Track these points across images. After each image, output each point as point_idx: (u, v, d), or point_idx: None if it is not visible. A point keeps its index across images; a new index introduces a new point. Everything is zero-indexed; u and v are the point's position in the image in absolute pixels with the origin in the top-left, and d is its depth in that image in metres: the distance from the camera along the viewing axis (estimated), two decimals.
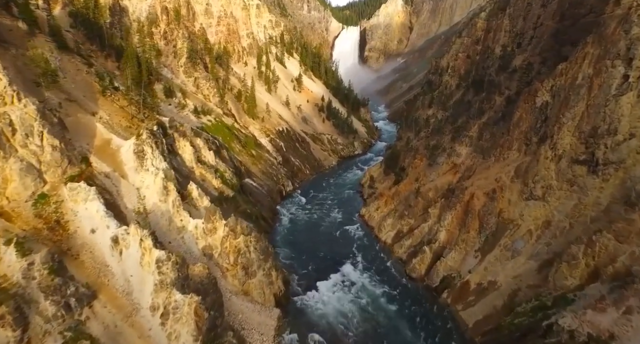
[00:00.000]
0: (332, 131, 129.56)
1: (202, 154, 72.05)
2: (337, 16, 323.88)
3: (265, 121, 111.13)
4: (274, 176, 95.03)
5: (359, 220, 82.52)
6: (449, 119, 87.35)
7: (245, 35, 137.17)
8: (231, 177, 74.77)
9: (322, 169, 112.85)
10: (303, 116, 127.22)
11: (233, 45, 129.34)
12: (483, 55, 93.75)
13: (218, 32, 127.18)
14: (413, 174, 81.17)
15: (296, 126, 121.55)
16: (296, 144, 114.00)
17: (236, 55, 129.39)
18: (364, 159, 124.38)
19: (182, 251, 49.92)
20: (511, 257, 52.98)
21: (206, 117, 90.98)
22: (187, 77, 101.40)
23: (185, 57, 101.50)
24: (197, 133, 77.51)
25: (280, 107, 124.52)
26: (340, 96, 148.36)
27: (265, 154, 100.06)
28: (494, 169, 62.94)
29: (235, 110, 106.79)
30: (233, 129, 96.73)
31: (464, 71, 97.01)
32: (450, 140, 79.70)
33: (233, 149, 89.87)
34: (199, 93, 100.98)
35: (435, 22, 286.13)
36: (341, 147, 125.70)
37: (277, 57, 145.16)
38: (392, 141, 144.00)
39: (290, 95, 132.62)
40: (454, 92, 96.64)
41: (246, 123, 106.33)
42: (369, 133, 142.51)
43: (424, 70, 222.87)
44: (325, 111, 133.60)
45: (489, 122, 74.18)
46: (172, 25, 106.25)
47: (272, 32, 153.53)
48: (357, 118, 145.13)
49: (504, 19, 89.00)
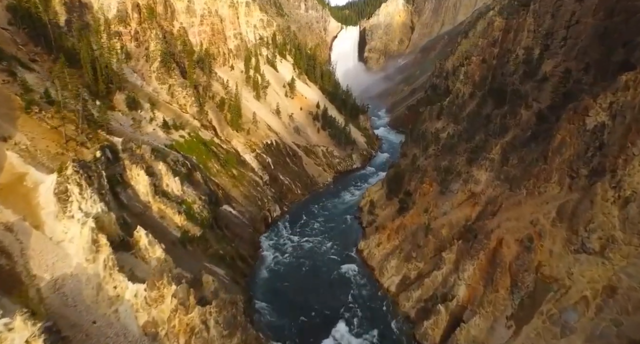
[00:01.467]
0: (328, 142, 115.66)
1: (164, 183, 58.28)
2: (335, 16, 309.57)
3: (251, 133, 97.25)
4: (258, 199, 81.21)
5: (357, 256, 68.78)
6: (463, 135, 73.50)
7: (232, 36, 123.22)
8: (201, 209, 60.93)
9: (316, 187, 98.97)
10: (295, 125, 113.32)
11: (218, 47, 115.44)
12: (501, 59, 79.89)
13: (201, 32, 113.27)
14: (421, 202, 67.32)
15: (287, 138, 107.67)
16: (286, 159, 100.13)
17: (221, 59, 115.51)
18: (364, 174, 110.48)
19: (114, 333, 36.19)
20: (560, 334, 39.16)
21: (178, 132, 77.18)
22: (160, 84, 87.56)
23: (159, 61, 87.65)
24: (162, 154, 63.81)
25: (270, 117, 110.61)
26: (338, 102, 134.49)
27: (249, 173, 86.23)
28: (528, 207, 49.06)
29: (217, 121, 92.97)
30: (212, 144, 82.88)
31: (479, 77, 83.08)
32: (466, 162, 65.85)
33: (209, 170, 76.11)
34: (173, 103, 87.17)
35: (438, 22, 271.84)
36: (338, 161, 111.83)
37: (268, 60, 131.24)
38: (394, 152, 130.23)
39: (282, 102, 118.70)
40: (467, 102, 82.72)
41: (229, 136, 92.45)
42: (369, 143, 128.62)
43: (427, 72, 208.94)
44: (321, 120, 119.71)
45: (514, 142, 60.28)
46: (145, 24, 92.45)
47: (263, 32, 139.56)
48: (355, 126, 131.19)
49: (527, 17, 75.12)
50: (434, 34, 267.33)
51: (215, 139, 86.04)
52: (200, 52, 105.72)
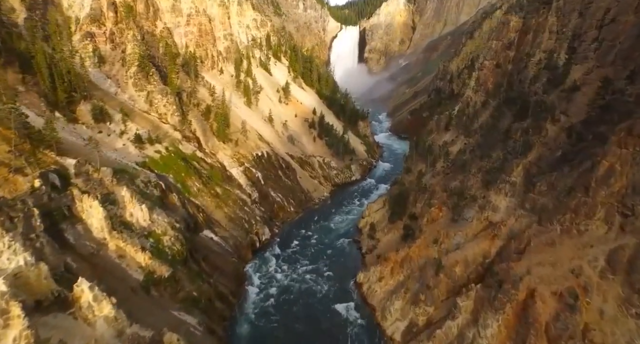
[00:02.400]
0: (325, 152, 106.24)
1: (128, 212, 48.93)
2: (335, 15, 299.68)
3: (239, 145, 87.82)
4: (245, 221, 71.86)
5: (356, 292, 59.45)
6: (476, 151, 64.11)
7: (222, 37, 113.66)
8: (173, 241, 51.56)
9: (311, 203, 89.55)
10: (289, 134, 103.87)
11: (206, 49, 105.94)
12: (518, 64, 70.44)
13: (187, 33, 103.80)
14: (430, 230, 57.90)
15: (280, 148, 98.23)
16: (279, 173, 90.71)
17: (209, 62, 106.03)
18: (363, 187, 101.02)
19: None
20: None
21: (154, 146, 67.81)
22: (137, 91, 78.16)
23: (136, 66, 78.20)
24: (130, 176, 54.50)
25: (261, 125, 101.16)
26: (336, 108, 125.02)
27: (236, 190, 76.84)
28: (565, 249, 39.64)
29: (201, 132, 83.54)
30: (193, 159, 73.49)
31: (493, 84, 73.58)
32: (482, 184, 56.47)
33: (189, 190, 66.73)
34: (152, 112, 77.77)
35: (440, 22, 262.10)
36: (335, 173, 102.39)
37: (261, 63, 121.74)
38: (396, 161, 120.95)
39: (275, 108, 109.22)
40: (479, 112, 73.24)
41: (214, 149, 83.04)
42: (369, 152, 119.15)
43: (430, 74, 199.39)
44: (317, 128, 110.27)
45: (540, 163, 50.93)
46: (122, 24, 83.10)
47: (256, 33, 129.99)
48: (355, 134, 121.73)
49: (549, 16, 65.64)
50: (436, 34, 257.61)
51: (198, 152, 76.59)
52: (186, 54, 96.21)
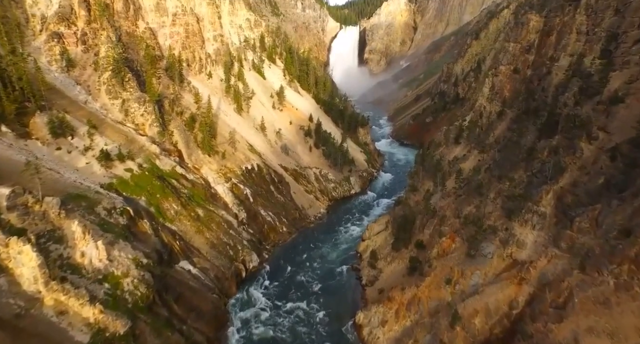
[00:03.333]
0: (322, 163, 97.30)
1: (78, 252, 40.08)
2: (334, 15, 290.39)
3: (227, 157, 78.90)
4: (230, 247, 62.99)
5: (354, 333, 50.66)
6: (494, 170, 55.19)
7: (211, 38, 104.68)
8: (137, 283, 42.72)
9: (306, 222, 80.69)
10: (283, 143, 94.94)
11: (193, 51, 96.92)
12: (539, 69, 61.45)
13: (173, 34, 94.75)
14: (441, 266, 48.95)
15: (273, 160, 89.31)
16: (270, 188, 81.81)
17: (197, 65, 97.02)
18: (363, 202, 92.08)
19: None
20: None
21: (125, 164, 58.91)
22: (111, 98, 69.26)
23: (111, 70, 69.27)
24: (88, 204, 45.73)
25: (252, 134, 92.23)
26: (334, 113, 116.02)
27: (221, 211, 67.95)
28: (627, 314, 30.72)
29: (184, 144, 74.67)
30: (172, 176, 64.60)
31: (510, 92, 64.53)
32: (503, 213, 47.58)
33: (164, 214, 57.84)
34: (127, 122, 68.91)
35: (442, 22, 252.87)
36: (333, 186, 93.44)
37: (254, 66, 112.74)
38: (398, 171, 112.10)
39: (268, 115, 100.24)
40: (495, 124, 64.20)
41: (198, 163, 74.18)
42: (370, 161, 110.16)
43: (433, 76, 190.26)
44: (313, 136, 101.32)
45: (577, 191, 42.07)
46: (96, 24, 74.25)
47: (249, 33, 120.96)
48: (354, 141, 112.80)
49: (577, 14, 56.65)
50: (438, 34, 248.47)
51: (179, 168, 67.66)
52: (170, 57, 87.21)
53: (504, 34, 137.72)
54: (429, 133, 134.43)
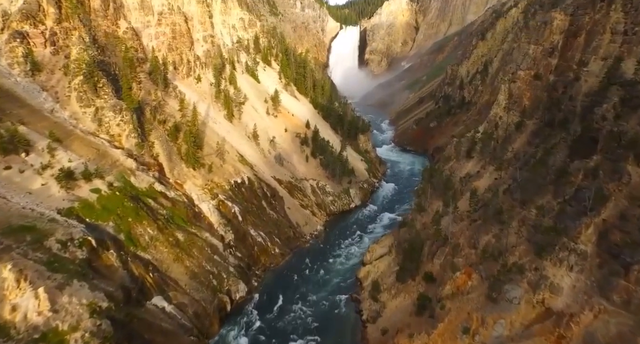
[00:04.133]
0: (319, 174, 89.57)
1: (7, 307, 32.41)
2: (334, 15, 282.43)
3: (214, 171, 71.17)
4: (213, 276, 55.30)
5: None
6: (514, 192, 47.38)
7: (201, 39, 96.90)
8: (89, 337, 35.01)
9: (301, 241, 72.99)
10: (277, 153, 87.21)
11: (180, 53, 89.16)
12: (564, 74, 53.58)
13: (159, 34, 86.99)
14: (456, 309, 41.22)
15: (265, 171, 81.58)
16: (262, 203, 74.07)
17: (184, 68, 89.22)
18: (364, 216, 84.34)
19: None
20: None
21: (92, 183, 51.18)
22: (82, 106, 61.46)
23: (83, 75, 61.48)
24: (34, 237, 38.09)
25: (244, 143, 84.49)
26: (333, 119, 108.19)
27: (205, 233, 60.22)
28: None
29: (166, 156, 66.96)
30: (149, 195, 56.89)
31: (530, 101, 56.62)
32: (530, 248, 39.80)
33: (137, 241, 50.14)
34: (101, 133, 61.17)
35: (445, 22, 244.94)
36: (331, 199, 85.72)
37: (248, 68, 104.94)
38: (401, 180, 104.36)
39: (261, 122, 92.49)
40: (512, 137, 56.34)
41: (181, 177, 66.48)
42: (371, 170, 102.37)
43: (435, 78, 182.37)
44: (310, 144, 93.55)
45: (626, 227, 34.30)
46: (68, 23, 66.51)
47: (243, 34, 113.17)
48: (354, 149, 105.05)
49: (611, 12, 48.87)
50: (441, 34, 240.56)
51: (158, 185, 59.91)
52: (153, 60, 79.35)
53: (512, 34, 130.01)
54: (433, 139, 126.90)
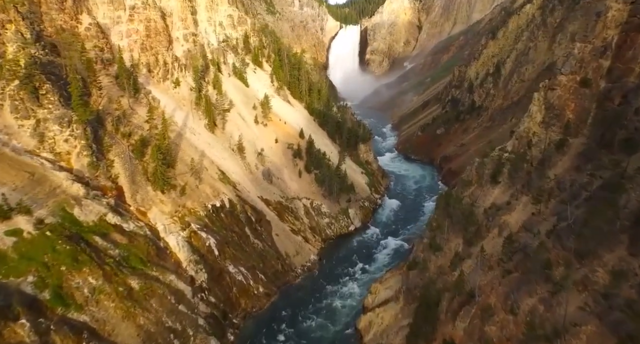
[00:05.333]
0: (314, 192, 77.57)
1: None
2: (334, 14, 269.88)
3: (187, 193, 59.16)
4: (176, 335, 43.33)
5: None
6: (566, 238, 35.15)
7: (181, 38, 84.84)
8: None
9: (291, 276, 61.02)
10: (266, 168, 75.22)
11: (156, 54, 77.14)
12: (622, 81, 41.34)
13: (131, 32, 75.00)
14: None
15: (251, 191, 69.62)
16: (245, 230, 62.09)
17: (160, 71, 77.16)
18: (366, 242, 72.36)
19: None
20: None
21: (11, 221, 39.17)
22: (19, 118, 49.54)
23: (19, 79, 49.53)
24: None
25: (227, 157, 72.52)
26: (330, 126, 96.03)
27: (170, 275, 48.24)
28: None
29: (128, 177, 55.00)
30: (98, 231, 44.91)
31: (574, 114, 44.37)
32: (606, 328, 27.66)
33: (70, 297, 38.22)
34: (42, 151, 49.44)
35: (449, 20, 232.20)
36: (327, 222, 73.77)
37: (236, 70, 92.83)
38: (406, 196, 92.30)
39: (249, 132, 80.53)
40: (552, 159, 44.08)
41: (145, 204, 54.48)
42: (373, 185, 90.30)
43: (440, 79, 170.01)
44: (304, 157, 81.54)
45: None
46: (4, 14, 54.40)
47: (231, 32, 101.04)
48: (354, 161, 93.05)
49: None
50: (445, 34, 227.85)
51: (112, 216, 47.91)
52: (120, 61, 67.21)
53: (527, 32, 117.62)
54: (441, 147, 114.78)
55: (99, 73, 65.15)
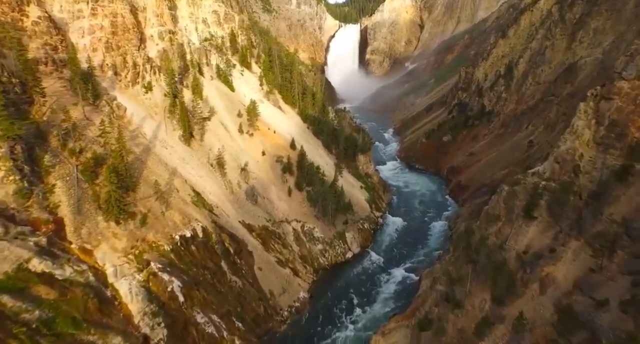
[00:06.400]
0: (306, 213, 66.52)
1: None
2: (333, 12, 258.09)
3: (149, 222, 48.07)
4: None
5: None
6: None
7: (156, 36, 73.79)
8: None
9: (275, 321, 49.99)
10: (250, 186, 64.18)
11: (124, 54, 66.00)
12: None
13: (94, 28, 63.94)
14: None
15: (231, 215, 58.58)
16: (222, 266, 51.05)
17: (129, 73, 66.03)
18: (365, 273, 61.28)
19: None
20: None
21: None
22: None
23: None
24: None
25: (204, 175, 61.42)
26: (326, 135, 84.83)
27: (114, 338, 37.16)
28: None
29: (72, 206, 43.93)
30: (13, 286, 33.85)
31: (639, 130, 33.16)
32: None
33: None
34: None
35: (453, 19, 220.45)
36: (321, 248, 62.71)
37: (220, 73, 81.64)
38: (411, 212, 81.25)
39: (231, 144, 69.49)
40: (614, 192, 32.87)
41: (92, 239, 43.39)
42: (373, 200, 79.24)
43: (445, 81, 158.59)
44: (295, 171, 70.48)
45: None
46: None
47: (217, 30, 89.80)
48: (352, 173, 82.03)
49: None
50: (448, 33, 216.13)
51: (37, 261, 36.74)
52: (73, 62, 56.06)
53: (543, 30, 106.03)
54: (447, 156, 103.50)
55: (48, 76, 54.30)
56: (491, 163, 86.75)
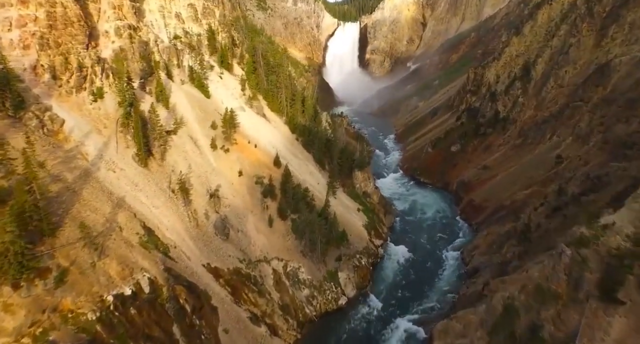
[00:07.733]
0: (289, 248, 53.35)
1: None
2: (332, 10, 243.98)
3: (69, 283, 34.88)
4: None
5: None
6: None
7: (112, 32, 60.44)
8: None
9: None
10: (222, 217, 51.07)
11: (66, 52, 52.79)
12: None
13: (24, 20, 50.80)
14: None
15: (193, 256, 45.46)
16: (172, 332, 38.00)
17: (72, 77, 52.79)
18: (363, 325, 48.25)
19: None
20: None
21: None
22: None
23: None
24: None
25: (161, 205, 48.20)
26: (317, 148, 71.52)
27: None
28: None
29: None
30: None
31: None
32: None
33: None
34: None
35: (457, 16, 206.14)
36: (307, 294, 49.63)
37: (194, 76, 68.35)
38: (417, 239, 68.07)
39: (201, 162, 56.28)
40: None
41: None
42: (373, 226, 66.03)
43: (450, 82, 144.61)
44: (278, 195, 57.27)
45: None
46: None
47: (192, 26, 76.43)
48: (348, 193, 68.91)
49: None
50: (452, 31, 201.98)
51: None
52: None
53: (566, 25, 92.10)
54: (456, 169, 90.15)
55: None
56: (510, 180, 73.41)
